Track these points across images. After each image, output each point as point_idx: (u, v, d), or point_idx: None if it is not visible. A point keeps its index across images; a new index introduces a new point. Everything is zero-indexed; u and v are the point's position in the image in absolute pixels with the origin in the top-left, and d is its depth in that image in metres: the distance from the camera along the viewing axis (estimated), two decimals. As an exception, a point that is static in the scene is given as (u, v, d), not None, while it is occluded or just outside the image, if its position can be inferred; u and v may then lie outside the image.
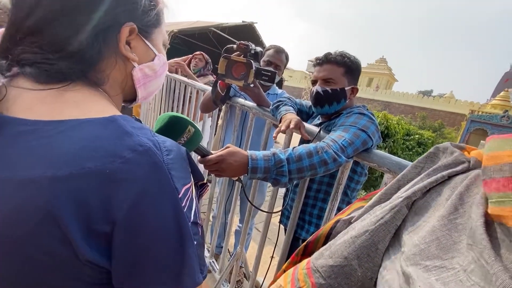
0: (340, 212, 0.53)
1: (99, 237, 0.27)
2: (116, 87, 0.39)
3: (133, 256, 0.29)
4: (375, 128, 0.86)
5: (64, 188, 0.26)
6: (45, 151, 0.27)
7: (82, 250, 0.27)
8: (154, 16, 0.39)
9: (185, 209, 0.31)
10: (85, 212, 0.27)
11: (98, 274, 0.29)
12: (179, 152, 0.33)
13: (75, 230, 0.26)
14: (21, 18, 0.31)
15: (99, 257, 0.28)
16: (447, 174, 0.38)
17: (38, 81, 0.31)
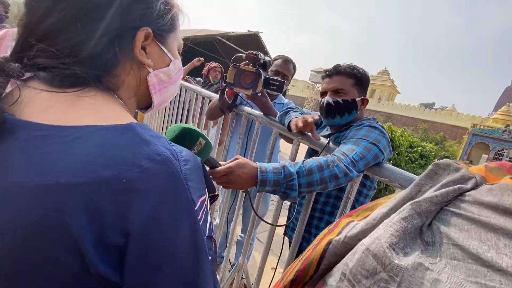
0: (328, 231, 0.49)
1: (112, 250, 0.26)
2: (130, 93, 0.38)
3: (147, 271, 0.27)
4: (387, 142, 0.84)
5: (78, 196, 0.25)
6: (60, 157, 0.26)
7: (93, 263, 0.25)
8: (169, 21, 0.38)
9: (201, 222, 0.30)
10: (99, 222, 0.25)
11: (107, 287, 0.27)
12: (195, 163, 0.32)
13: (87, 241, 0.25)
14: (36, 21, 0.30)
15: (111, 271, 0.26)
16: (458, 189, 0.36)
17: (52, 85, 0.30)
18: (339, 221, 0.50)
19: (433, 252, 0.34)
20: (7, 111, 0.28)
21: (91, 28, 0.31)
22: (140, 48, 0.35)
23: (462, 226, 0.33)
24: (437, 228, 0.35)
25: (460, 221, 0.34)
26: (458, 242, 0.32)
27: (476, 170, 0.38)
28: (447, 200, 0.36)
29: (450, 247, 0.32)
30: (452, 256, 0.31)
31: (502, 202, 0.31)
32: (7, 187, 0.25)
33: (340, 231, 0.46)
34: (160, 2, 0.36)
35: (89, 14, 0.31)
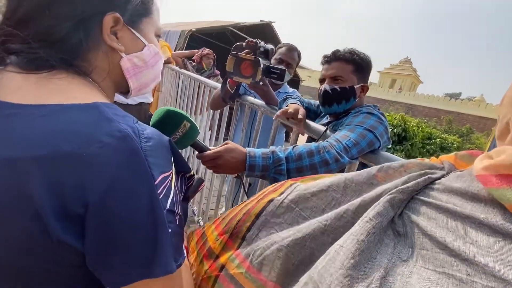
0: (272, 189, 0.46)
1: (73, 219, 0.28)
2: (104, 77, 0.39)
3: (105, 239, 0.29)
4: (384, 129, 0.82)
5: (39, 168, 0.27)
6: (26, 133, 0.29)
7: (54, 230, 0.27)
8: (140, 5, 0.39)
9: (161, 196, 0.31)
10: (59, 193, 0.28)
11: (73, 256, 0.30)
12: (159, 141, 0.34)
13: (48, 210, 0.27)
14: (11, 10, 0.33)
15: (72, 238, 0.28)
16: (428, 178, 0.35)
17: (22, 68, 0.33)
18: (285, 181, 0.48)
19: (405, 243, 0.33)
20: None
21: (56, 14, 0.33)
22: (110, 32, 0.37)
23: (430, 214, 0.32)
24: (408, 218, 0.34)
25: (429, 210, 0.33)
26: (426, 231, 0.31)
27: (446, 158, 0.37)
28: (417, 189, 0.35)
29: (420, 237, 0.31)
30: (422, 246, 0.31)
31: (470, 189, 0.30)
32: None
33: (283, 191, 0.44)
34: None
35: (55, 1, 0.33)
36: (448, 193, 0.32)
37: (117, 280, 0.31)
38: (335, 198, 0.39)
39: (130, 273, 0.30)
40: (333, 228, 0.35)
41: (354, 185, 0.39)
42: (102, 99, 0.35)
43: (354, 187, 0.39)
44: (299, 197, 0.41)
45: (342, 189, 0.39)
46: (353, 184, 0.39)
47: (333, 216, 0.36)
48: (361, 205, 0.36)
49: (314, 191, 0.40)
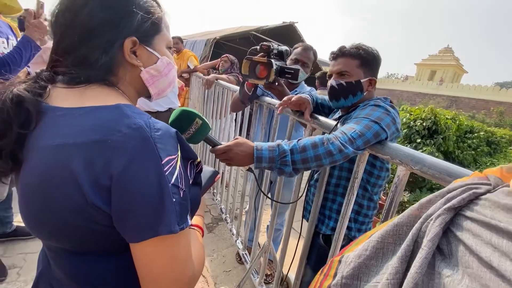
0: (323, 277, 0.45)
1: (102, 188, 0.38)
2: (128, 86, 0.50)
3: (124, 203, 0.38)
4: (391, 120, 0.82)
5: (78, 151, 0.38)
6: (70, 127, 0.40)
7: (89, 196, 0.37)
8: (150, 26, 0.48)
9: (167, 173, 0.39)
10: (92, 168, 0.37)
11: (103, 216, 0.39)
12: (167, 131, 0.43)
13: (85, 181, 0.37)
14: (56, 44, 0.45)
15: (102, 202, 0.38)
16: (473, 194, 0.33)
17: (67, 84, 0.45)
18: (331, 261, 0.46)
19: (450, 261, 0.31)
20: (44, 102, 0.43)
21: (89, 46, 0.44)
22: (130, 52, 0.47)
23: (475, 230, 0.31)
24: (452, 235, 0.33)
25: (473, 226, 0.31)
26: (472, 249, 0.29)
27: (491, 172, 0.35)
28: (462, 204, 0.34)
29: (466, 255, 0.30)
30: (467, 264, 0.29)
31: None
32: (41, 147, 0.40)
33: (335, 273, 0.43)
34: (139, 15, 0.47)
35: (86, 38, 0.43)
36: (494, 209, 0.31)
37: (134, 237, 0.40)
38: (390, 250, 0.38)
39: (143, 231, 0.39)
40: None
41: (405, 228, 0.37)
42: (124, 102, 0.45)
43: (405, 231, 0.37)
44: (358, 267, 0.39)
45: (396, 237, 0.38)
46: (404, 227, 0.38)
47: (394, 271, 0.35)
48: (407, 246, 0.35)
49: (369, 254, 0.39)
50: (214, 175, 0.69)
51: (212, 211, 2.48)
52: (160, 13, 0.51)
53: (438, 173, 0.62)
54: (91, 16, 0.43)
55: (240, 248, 1.84)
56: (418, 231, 0.35)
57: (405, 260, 0.35)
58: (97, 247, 0.44)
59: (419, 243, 0.34)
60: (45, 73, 0.46)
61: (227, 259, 1.91)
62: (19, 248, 1.71)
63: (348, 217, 0.91)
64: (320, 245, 1.09)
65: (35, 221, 0.43)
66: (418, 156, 0.67)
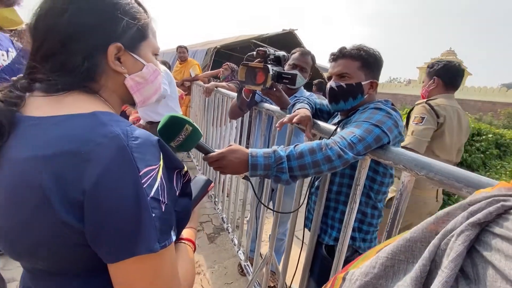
0: None
1: (74, 204, 0.34)
2: (112, 94, 0.47)
3: (97, 220, 0.35)
4: (393, 123, 0.78)
5: (48, 164, 0.35)
6: (41, 138, 0.37)
7: (60, 213, 0.34)
8: (136, 32, 0.46)
9: (145, 185, 0.36)
10: (63, 183, 0.34)
11: (77, 235, 0.36)
12: (147, 140, 0.39)
13: (55, 197, 0.34)
14: (35, 49, 0.42)
15: (74, 220, 0.35)
16: (501, 207, 0.29)
17: (45, 92, 0.42)
18: (335, 278, 0.42)
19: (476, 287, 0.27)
20: (19, 111, 0.41)
21: (69, 51, 0.41)
22: (114, 59, 0.44)
23: (507, 251, 0.26)
24: (478, 256, 0.28)
25: (505, 245, 0.27)
26: (504, 273, 0.25)
27: None
28: (489, 219, 0.29)
29: (497, 280, 0.26)
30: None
31: None
32: (10, 160, 0.37)
33: None
34: (125, 21, 0.44)
35: (67, 43, 0.41)
36: None
37: (110, 257, 0.36)
38: (402, 268, 0.33)
39: (118, 251, 0.35)
40: None
41: (419, 244, 0.33)
42: (102, 108, 0.42)
43: (419, 247, 0.33)
44: (365, 287, 0.35)
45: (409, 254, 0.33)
46: (417, 243, 0.33)
47: None
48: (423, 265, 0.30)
49: (377, 272, 0.35)
50: (207, 184, 0.65)
51: (213, 220, 2.43)
52: (147, 19, 0.49)
53: (446, 178, 0.57)
54: (73, 21, 0.40)
55: (242, 259, 1.78)
56: (436, 248, 0.30)
57: (420, 282, 0.30)
58: (76, 267, 0.41)
59: (438, 263, 0.30)
60: (22, 81, 0.43)
61: (229, 271, 1.84)
62: (17, 262, 1.68)
63: (351, 227, 0.86)
64: (323, 256, 1.03)
65: (5, 240, 0.39)
66: (423, 160, 0.63)
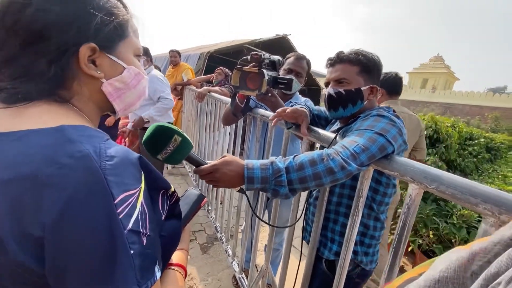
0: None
1: (32, 241, 0.28)
2: (87, 102, 0.40)
3: (61, 262, 0.28)
4: (397, 131, 0.74)
5: (1, 192, 0.28)
6: None
7: (13, 254, 0.28)
8: (113, 31, 0.40)
9: (121, 216, 0.30)
10: (18, 215, 0.28)
11: (35, 278, 0.29)
12: (124, 158, 0.33)
13: (7, 232, 0.28)
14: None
15: (32, 260, 0.28)
16: None
17: (6, 102, 0.35)
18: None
19: None
20: None
21: (32, 53, 0.34)
22: (87, 61, 0.38)
23: None
24: None
25: None
26: None
27: None
28: None
29: None
30: None
31: None
32: None
33: None
34: (99, 17, 0.38)
35: (28, 42, 0.34)
36: None
37: None
38: None
39: None
40: None
41: (451, 286, 0.27)
42: (73, 122, 0.35)
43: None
44: None
45: None
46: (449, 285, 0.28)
47: None
48: None
49: None
50: (200, 199, 0.59)
51: (206, 229, 2.35)
52: (126, 15, 0.42)
53: (459, 193, 0.52)
54: (35, 18, 0.34)
55: (237, 271, 1.71)
56: None
57: None
58: None
59: None
60: None
61: (223, 283, 1.77)
62: None
63: (353, 241, 0.81)
64: (323, 271, 0.98)
65: None
66: (433, 172, 0.58)
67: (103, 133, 0.37)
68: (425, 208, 2.00)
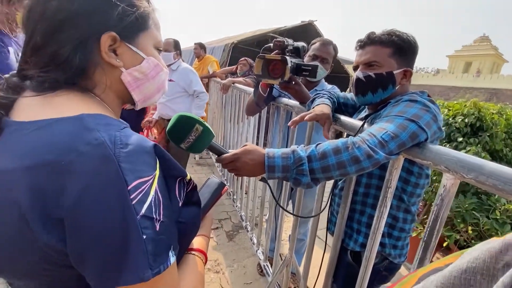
0: None
1: (55, 222, 0.30)
2: (108, 92, 0.42)
3: (79, 243, 0.30)
4: (432, 117, 0.68)
5: (25, 177, 0.31)
6: (19, 147, 0.33)
7: (39, 232, 0.30)
8: (134, 21, 0.41)
9: (134, 202, 0.31)
10: (41, 198, 0.30)
11: (61, 256, 0.31)
12: (139, 146, 0.34)
13: (33, 215, 0.30)
14: (26, 42, 0.38)
15: (56, 240, 0.30)
16: None
17: (35, 91, 0.37)
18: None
19: None
20: (8, 116, 0.37)
21: (58, 40, 0.36)
22: (108, 50, 0.39)
23: None
24: None
25: None
26: None
27: None
28: None
29: None
30: None
31: None
32: None
33: None
34: (121, 7, 0.39)
35: (54, 31, 0.36)
36: None
37: (96, 284, 0.32)
38: None
39: (103, 279, 0.31)
40: None
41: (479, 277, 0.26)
42: (93, 111, 0.37)
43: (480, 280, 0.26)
44: None
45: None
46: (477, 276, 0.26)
47: None
48: None
49: None
50: (220, 187, 0.60)
51: (232, 217, 2.41)
52: (148, 8, 0.43)
53: (502, 183, 0.47)
54: (61, 7, 0.36)
55: (261, 259, 1.74)
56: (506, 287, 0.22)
57: None
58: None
59: None
60: (13, 78, 0.39)
61: (248, 270, 1.81)
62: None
63: (380, 233, 0.78)
64: (348, 262, 0.96)
65: None
66: (471, 161, 0.53)
67: (121, 122, 0.38)
68: (464, 202, 1.85)
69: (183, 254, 0.47)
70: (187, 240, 0.46)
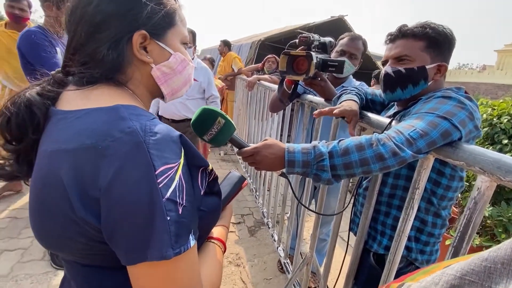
0: None
1: (92, 200, 0.34)
2: (140, 86, 0.46)
3: (111, 220, 0.33)
4: (467, 115, 0.63)
5: (69, 158, 0.35)
6: (65, 132, 0.37)
7: (78, 209, 0.34)
8: (162, 19, 0.43)
9: (161, 185, 0.33)
10: (81, 178, 0.34)
11: (97, 232, 0.35)
12: (166, 135, 0.37)
13: (73, 192, 0.34)
14: (68, 42, 0.43)
15: (92, 217, 0.34)
16: None
17: (76, 85, 0.42)
18: (387, 286, 0.38)
19: None
20: (53, 105, 0.42)
21: (96, 40, 0.40)
22: (139, 48, 0.42)
23: None
24: None
25: None
26: None
27: None
28: None
29: None
30: None
31: None
32: (40, 153, 0.39)
33: None
34: (150, 6, 0.42)
35: (92, 32, 0.40)
36: None
37: (124, 259, 0.35)
38: None
39: (130, 254, 0.33)
40: None
41: (500, 266, 0.25)
42: (127, 102, 0.41)
43: (500, 270, 0.25)
44: None
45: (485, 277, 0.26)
46: (498, 265, 0.26)
47: None
48: None
49: None
50: (241, 181, 0.62)
51: (254, 213, 2.44)
52: (174, 4, 0.46)
53: (546, 187, 0.43)
54: (98, 10, 0.40)
55: (282, 256, 1.74)
56: None
57: None
58: (103, 262, 0.40)
59: None
60: (58, 74, 0.44)
61: (268, 266, 1.82)
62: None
63: (406, 236, 0.74)
64: (370, 265, 0.92)
65: (36, 230, 0.41)
66: (510, 162, 0.49)
67: (150, 113, 0.42)
68: (507, 211, 1.68)
69: (203, 242, 0.49)
70: (207, 228, 0.48)
